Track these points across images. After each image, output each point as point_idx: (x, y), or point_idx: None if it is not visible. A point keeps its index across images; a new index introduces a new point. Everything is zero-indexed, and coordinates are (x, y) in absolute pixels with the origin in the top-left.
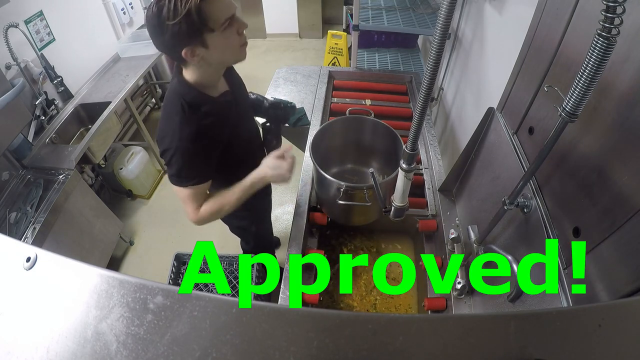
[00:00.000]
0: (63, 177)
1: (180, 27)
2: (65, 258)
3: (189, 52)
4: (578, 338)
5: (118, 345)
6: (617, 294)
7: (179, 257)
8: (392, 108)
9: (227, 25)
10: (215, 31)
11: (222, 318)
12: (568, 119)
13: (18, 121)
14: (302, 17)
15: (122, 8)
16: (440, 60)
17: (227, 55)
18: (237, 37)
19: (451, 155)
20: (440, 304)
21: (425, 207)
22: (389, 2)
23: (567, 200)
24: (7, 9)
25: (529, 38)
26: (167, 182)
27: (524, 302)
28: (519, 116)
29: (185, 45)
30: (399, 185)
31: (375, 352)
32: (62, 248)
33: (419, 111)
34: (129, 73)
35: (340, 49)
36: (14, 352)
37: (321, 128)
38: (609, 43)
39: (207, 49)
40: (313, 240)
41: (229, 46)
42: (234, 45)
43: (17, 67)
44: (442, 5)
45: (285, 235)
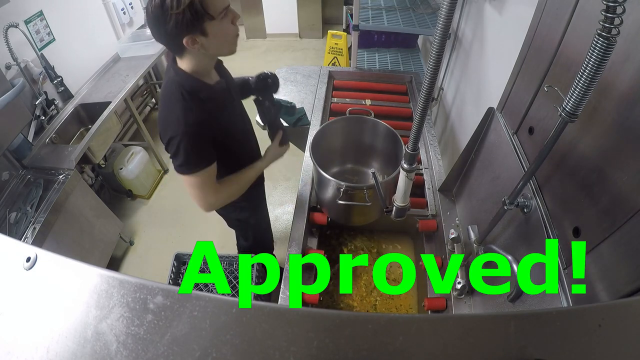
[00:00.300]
0: (63, 177)
1: (184, 16)
2: (65, 258)
3: (190, 40)
4: (578, 338)
5: (118, 345)
6: (617, 294)
7: (179, 257)
8: (392, 108)
9: (224, 15)
10: (215, 19)
11: (222, 318)
12: (568, 119)
13: (18, 121)
14: (302, 17)
15: (122, 8)
16: (440, 60)
17: (224, 43)
18: (232, 27)
19: (451, 155)
20: (440, 304)
21: (425, 207)
22: (389, 2)
23: (567, 200)
24: (7, 9)
25: (529, 38)
26: (167, 182)
27: (524, 302)
28: (519, 116)
29: (187, 34)
30: (401, 185)
31: (375, 352)
32: (62, 248)
33: (420, 111)
34: (129, 73)
35: (340, 49)
36: (14, 352)
37: (321, 128)
38: (609, 43)
39: (207, 37)
40: (313, 240)
41: (226, 35)
42: (229, 34)
43: (17, 67)
44: (442, 5)
45: (285, 235)
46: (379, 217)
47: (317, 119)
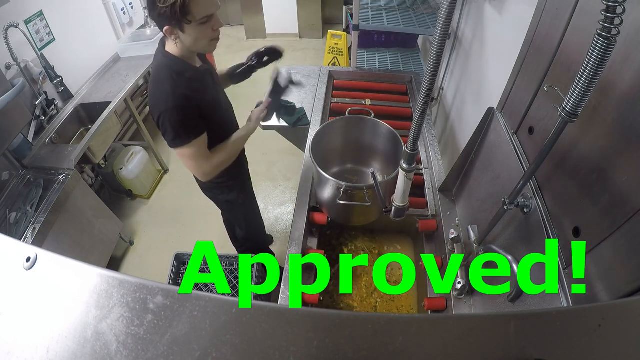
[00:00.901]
0: (63, 177)
1: (165, 11)
2: (65, 258)
3: (169, 30)
4: (578, 338)
5: (118, 345)
6: (617, 294)
7: (179, 257)
8: (392, 108)
9: (205, 22)
10: (192, 23)
11: (222, 318)
12: (568, 119)
13: (18, 121)
14: (302, 17)
15: (122, 8)
16: (440, 60)
17: (198, 43)
18: (210, 32)
19: (451, 155)
20: (440, 304)
21: (425, 207)
22: (389, 2)
23: (567, 200)
24: (7, 9)
25: (529, 38)
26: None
27: (524, 302)
28: (519, 116)
29: (167, 25)
30: (400, 185)
31: (375, 352)
32: (62, 248)
33: (419, 111)
34: (129, 73)
35: (340, 49)
36: (14, 352)
37: (321, 128)
38: (609, 43)
39: (184, 33)
40: (313, 240)
41: (201, 38)
42: (205, 37)
43: (17, 67)
44: (442, 5)
45: (285, 236)
46: (378, 217)
47: (317, 119)
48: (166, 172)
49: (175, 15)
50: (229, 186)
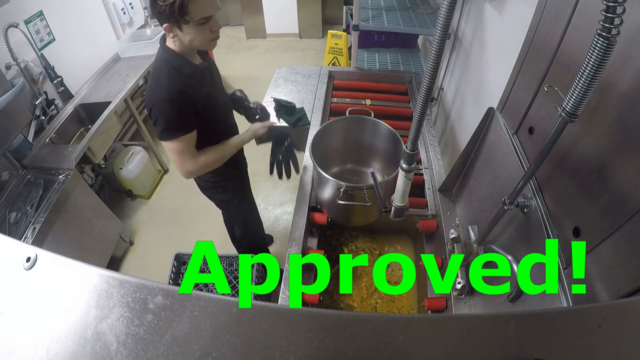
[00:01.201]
0: (63, 177)
1: (165, 9)
2: (65, 258)
3: (168, 27)
4: (578, 338)
5: (118, 345)
6: (617, 294)
7: (179, 257)
8: (392, 108)
9: (204, 22)
10: (190, 23)
11: (222, 318)
12: (568, 119)
13: (18, 121)
14: (302, 17)
15: (122, 8)
16: (440, 60)
17: (196, 42)
18: (209, 33)
19: (451, 155)
20: (440, 304)
21: (425, 207)
22: (389, 2)
23: (567, 200)
24: (7, 9)
25: (529, 38)
26: (167, 182)
27: (524, 302)
28: (519, 116)
29: (167, 22)
30: (399, 185)
31: (375, 352)
32: (62, 248)
33: (419, 111)
34: (129, 73)
35: (340, 49)
36: (14, 352)
37: (321, 128)
38: (609, 43)
39: (182, 32)
40: (313, 240)
41: (199, 37)
42: (203, 37)
43: (17, 67)
44: (442, 5)
45: (285, 236)
46: (378, 217)
47: (317, 119)
48: (166, 172)
49: (173, 14)
50: (223, 186)
